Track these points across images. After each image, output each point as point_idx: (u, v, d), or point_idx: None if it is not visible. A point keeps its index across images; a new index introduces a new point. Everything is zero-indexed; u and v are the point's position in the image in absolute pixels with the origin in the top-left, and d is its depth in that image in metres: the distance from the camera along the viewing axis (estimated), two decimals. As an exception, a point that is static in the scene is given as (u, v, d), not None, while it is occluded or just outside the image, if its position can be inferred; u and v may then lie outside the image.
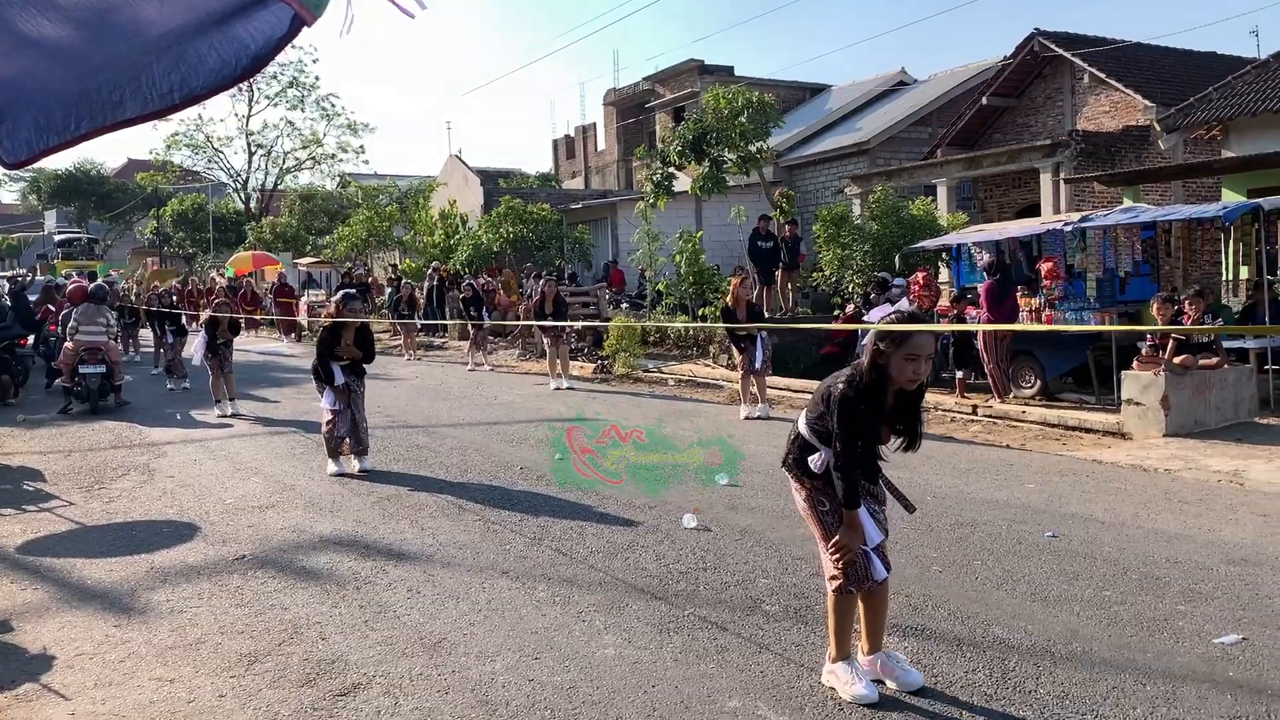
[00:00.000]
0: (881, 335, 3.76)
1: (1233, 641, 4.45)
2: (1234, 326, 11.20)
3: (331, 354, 8.94)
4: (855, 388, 3.81)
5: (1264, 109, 16.12)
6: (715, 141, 20.53)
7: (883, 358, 3.78)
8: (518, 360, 19.93)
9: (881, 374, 3.78)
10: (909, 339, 3.76)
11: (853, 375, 3.86)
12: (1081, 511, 6.93)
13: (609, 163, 41.27)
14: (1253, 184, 15.87)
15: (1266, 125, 16.33)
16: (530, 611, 5.13)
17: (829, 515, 3.98)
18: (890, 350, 3.76)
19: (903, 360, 3.76)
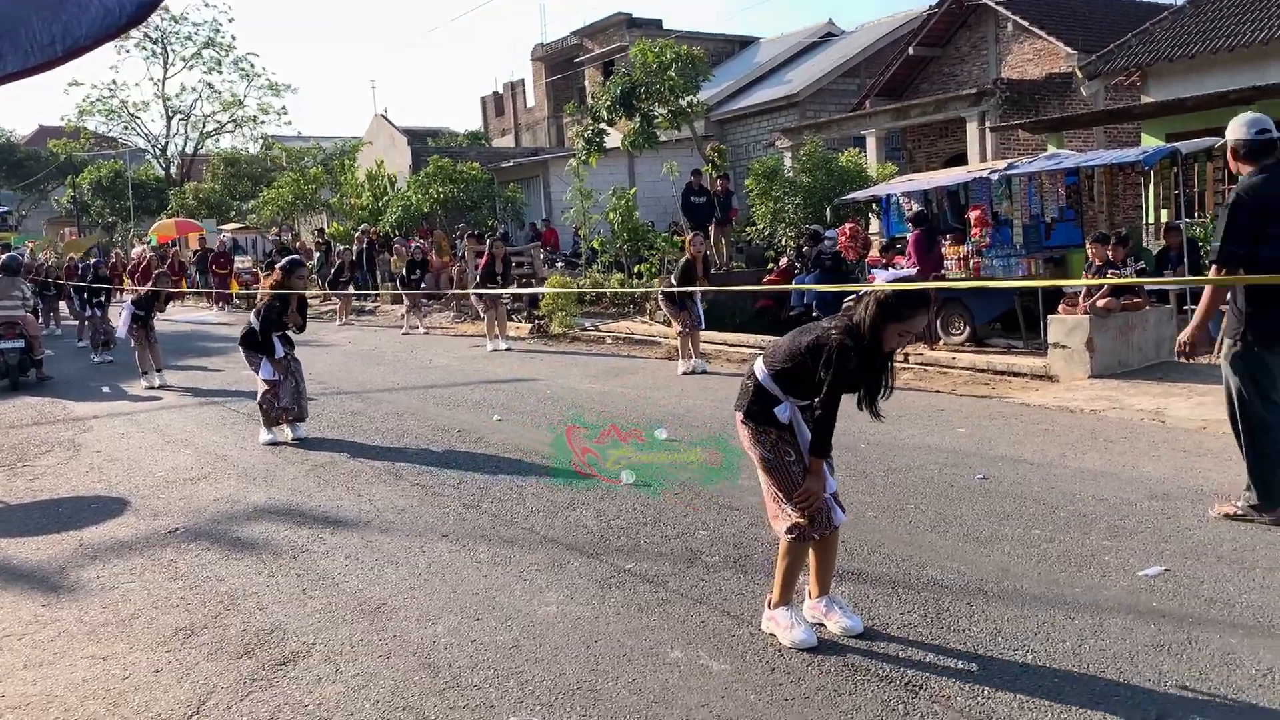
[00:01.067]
0: (889, 306, 3.74)
1: (1156, 573, 4.60)
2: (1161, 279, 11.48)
3: (279, 324, 8.76)
4: (855, 336, 3.80)
5: (1181, 55, 16.44)
6: (645, 96, 20.40)
7: (881, 323, 3.77)
8: (453, 323, 19.75)
9: (874, 336, 3.79)
10: (912, 318, 3.79)
11: (849, 328, 3.84)
12: (1011, 453, 7.09)
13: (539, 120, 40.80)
14: (1171, 129, 16.21)
15: (1184, 70, 16.66)
16: (471, 573, 5.12)
17: (795, 465, 4.00)
18: (891, 321, 3.76)
19: (896, 334, 3.80)
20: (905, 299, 3.77)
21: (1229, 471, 6.27)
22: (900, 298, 3.77)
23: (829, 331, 3.86)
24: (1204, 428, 7.53)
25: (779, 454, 4.02)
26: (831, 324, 3.91)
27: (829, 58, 28.69)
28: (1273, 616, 4.07)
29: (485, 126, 45.47)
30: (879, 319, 3.76)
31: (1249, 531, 5.10)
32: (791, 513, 3.99)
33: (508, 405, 10.04)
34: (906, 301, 3.77)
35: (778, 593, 4.14)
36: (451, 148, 35.11)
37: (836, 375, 3.78)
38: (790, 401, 3.99)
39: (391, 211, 26.93)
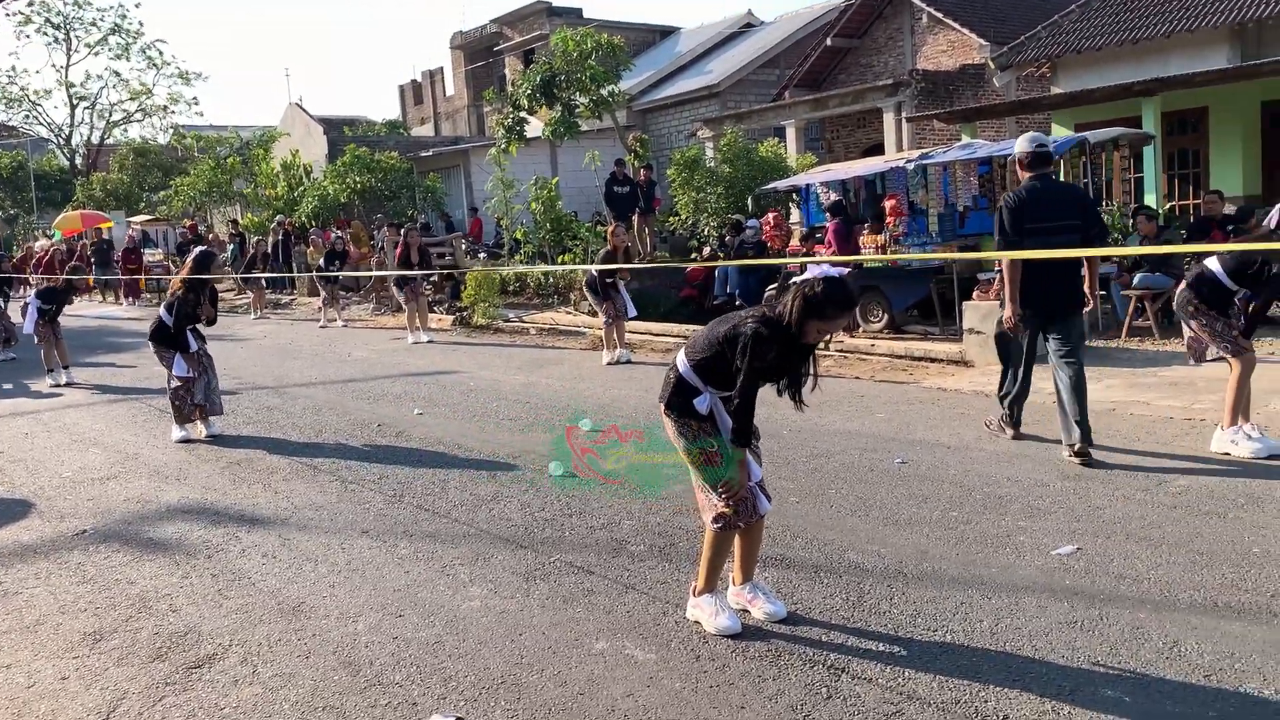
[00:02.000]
0: (813, 301, 3.72)
1: (1069, 552, 4.72)
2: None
3: (192, 317, 8.50)
4: (772, 327, 3.79)
5: (1088, 47, 16.88)
6: (566, 85, 20.30)
7: (803, 318, 3.74)
8: (372, 315, 19.45)
9: (796, 329, 3.78)
10: (835, 317, 3.79)
11: (768, 317, 3.83)
12: (929, 437, 7.22)
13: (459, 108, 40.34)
14: (1080, 119, 16.66)
15: (1091, 62, 17.12)
16: (393, 569, 5.04)
17: (718, 455, 4.00)
18: (813, 317, 3.74)
19: (816, 329, 3.79)
20: (833, 299, 3.73)
21: (1137, 449, 6.47)
22: (828, 297, 3.72)
23: (746, 320, 3.85)
24: (1113, 410, 7.76)
25: (702, 445, 4.03)
26: (749, 313, 3.91)
27: (749, 48, 28.87)
28: (1178, 591, 4.21)
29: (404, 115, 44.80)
30: (802, 314, 3.73)
31: (1156, 510, 5.26)
32: (717, 502, 4.00)
33: (430, 398, 9.92)
34: (834, 302, 3.73)
35: (702, 580, 4.15)
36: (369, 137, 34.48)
37: (752, 365, 3.78)
38: (711, 392, 3.99)
39: (307, 202, 26.38)
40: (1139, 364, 9.40)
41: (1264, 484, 5.59)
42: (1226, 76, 14.20)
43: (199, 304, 8.49)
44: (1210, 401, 7.32)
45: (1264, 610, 3.98)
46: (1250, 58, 15.23)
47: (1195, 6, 15.97)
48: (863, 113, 22.07)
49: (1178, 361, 9.29)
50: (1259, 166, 16.10)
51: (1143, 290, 10.93)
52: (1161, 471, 5.97)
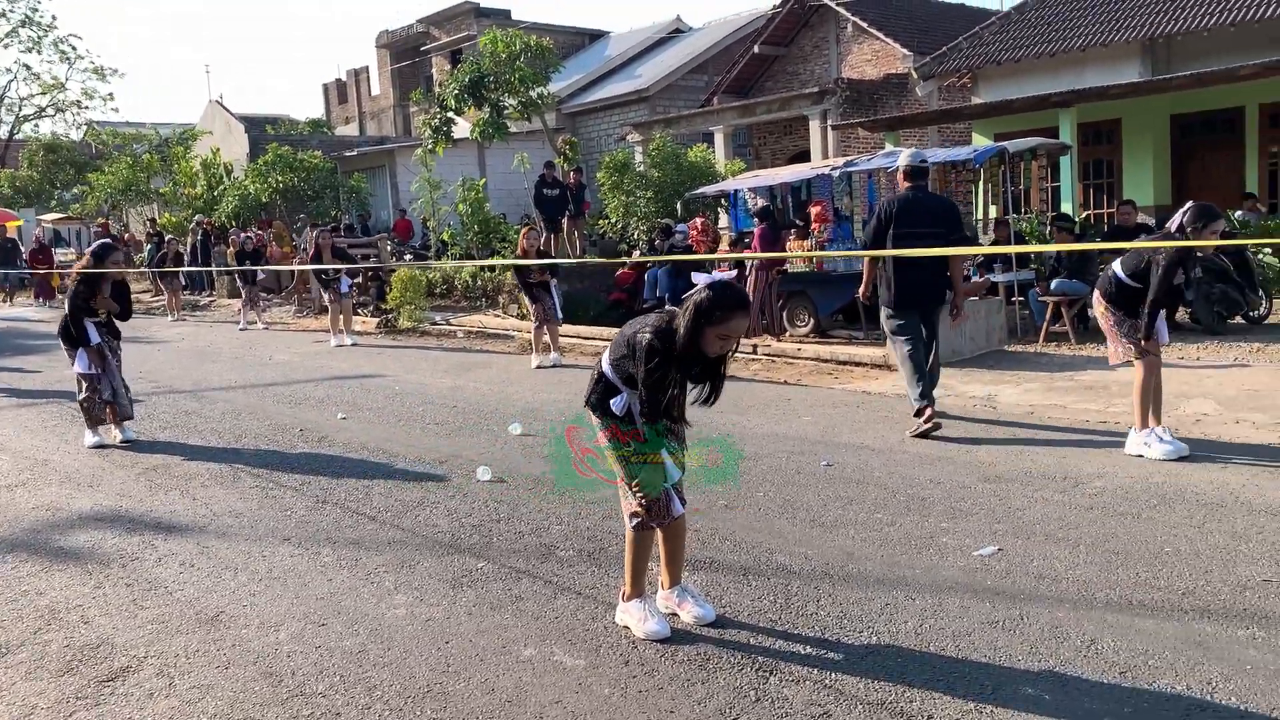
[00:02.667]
0: (704, 308, 3.70)
1: (990, 553, 4.81)
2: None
3: (87, 309, 8.22)
4: (663, 338, 3.77)
5: (1008, 58, 17.32)
6: (494, 86, 20.17)
7: (699, 329, 3.72)
8: (294, 317, 19.09)
9: (694, 341, 3.76)
10: (729, 321, 3.73)
11: (662, 326, 3.81)
12: (854, 440, 7.31)
13: (385, 108, 39.84)
14: (999, 129, 17.08)
15: (1010, 73, 17.57)
16: (315, 577, 4.94)
17: (633, 455, 4.00)
18: (708, 325, 3.72)
19: (716, 337, 3.76)
20: (721, 302, 3.70)
21: (1055, 451, 6.64)
22: (716, 301, 3.70)
23: (645, 329, 3.84)
24: (1031, 412, 7.94)
25: (618, 444, 4.03)
26: (651, 321, 3.89)
27: (678, 54, 29.02)
28: (1095, 590, 4.31)
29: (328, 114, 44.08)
30: (695, 323, 3.71)
31: (1073, 511, 5.40)
32: (631, 502, 4.01)
33: (353, 402, 9.76)
34: (722, 305, 3.70)
35: (629, 584, 4.14)
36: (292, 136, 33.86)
37: (646, 375, 3.77)
38: (629, 392, 3.98)
39: (228, 201, 25.81)
40: (1056, 368, 9.65)
41: (1175, 485, 5.76)
42: (1138, 89, 14.68)
43: (91, 296, 8.21)
44: (1125, 405, 7.54)
45: (1176, 608, 4.10)
46: (1161, 72, 15.78)
47: (1109, 21, 16.49)
48: (789, 120, 22.32)
49: (1093, 366, 9.56)
50: (1169, 177, 16.69)
51: (1059, 296, 11.22)
52: (1078, 474, 6.12)
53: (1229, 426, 7.09)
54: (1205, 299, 10.70)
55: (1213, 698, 3.38)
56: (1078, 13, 17.21)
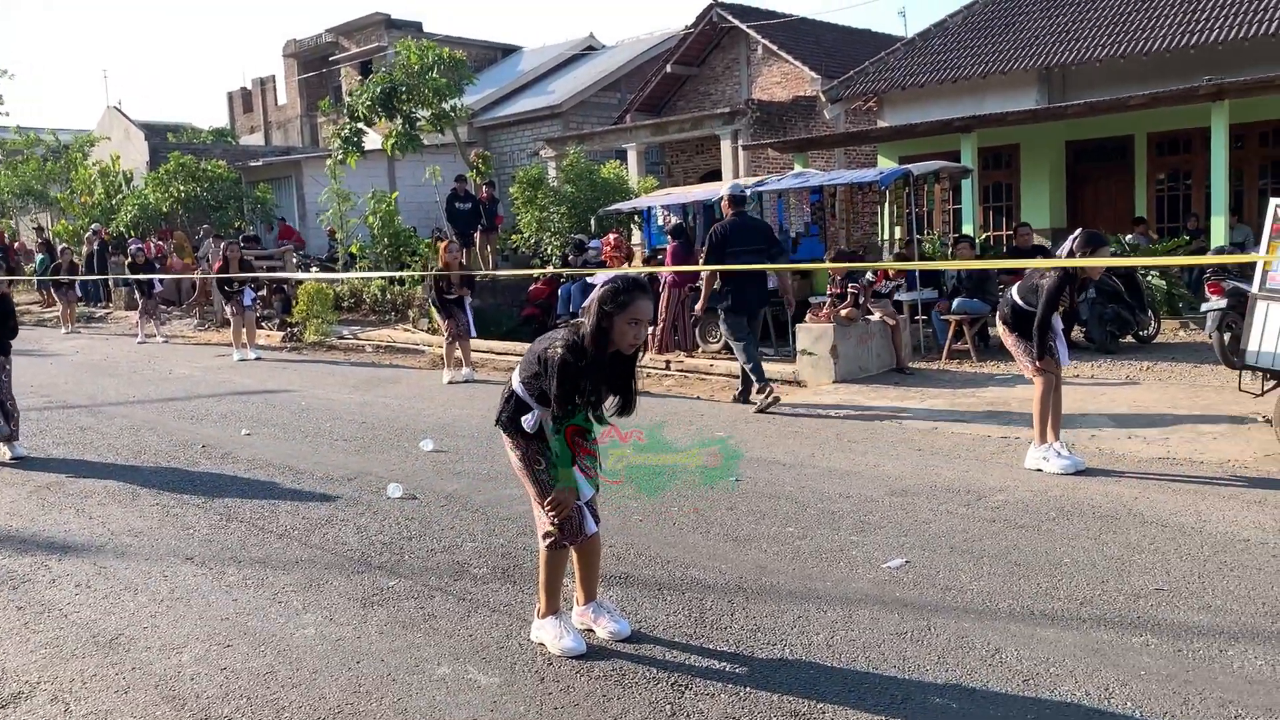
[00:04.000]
0: (607, 298, 3.74)
1: (898, 565, 4.92)
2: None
3: None
4: (574, 350, 3.78)
5: (911, 83, 17.81)
6: (407, 97, 19.95)
7: (607, 320, 3.75)
8: (195, 330, 18.56)
9: (604, 337, 3.77)
10: (633, 303, 3.75)
11: (570, 338, 3.81)
12: (765, 455, 7.40)
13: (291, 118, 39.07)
14: (904, 152, 17.54)
15: (914, 98, 18.06)
16: (220, 597, 4.79)
17: (545, 474, 3.97)
18: (615, 313, 3.74)
19: (625, 324, 3.77)
20: (623, 287, 3.77)
21: (958, 466, 6.82)
22: (618, 288, 3.76)
23: (555, 342, 3.84)
24: (935, 428, 8.15)
25: (529, 462, 4.01)
26: (559, 335, 3.90)
27: (591, 71, 29.12)
28: (998, 600, 4.44)
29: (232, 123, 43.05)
30: (602, 314, 3.74)
31: (976, 524, 5.55)
32: (545, 520, 3.99)
33: (258, 418, 9.52)
34: (625, 289, 3.76)
35: (544, 601, 4.12)
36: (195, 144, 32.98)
37: (560, 388, 3.76)
38: (540, 409, 3.97)
39: (126, 210, 24.98)
40: (958, 385, 9.92)
41: (1072, 498, 5.97)
42: (1035, 116, 15.23)
43: None
44: (1025, 420, 7.78)
45: (1075, 617, 4.24)
46: (1057, 100, 16.41)
47: (1008, 51, 17.09)
48: (701, 139, 22.57)
49: (994, 383, 9.86)
50: (1064, 200, 17.34)
51: (960, 315, 11.55)
52: (981, 488, 6.30)
53: (1122, 441, 7.38)
54: (1098, 319, 11.13)
55: (1110, 704, 3.51)
56: (979, 41, 17.81)
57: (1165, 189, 16.67)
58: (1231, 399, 8.06)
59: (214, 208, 25.43)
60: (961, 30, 18.39)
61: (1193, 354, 10.55)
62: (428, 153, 22.43)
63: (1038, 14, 17.53)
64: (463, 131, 23.75)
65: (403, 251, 18.87)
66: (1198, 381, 9.39)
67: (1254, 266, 7.27)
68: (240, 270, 14.45)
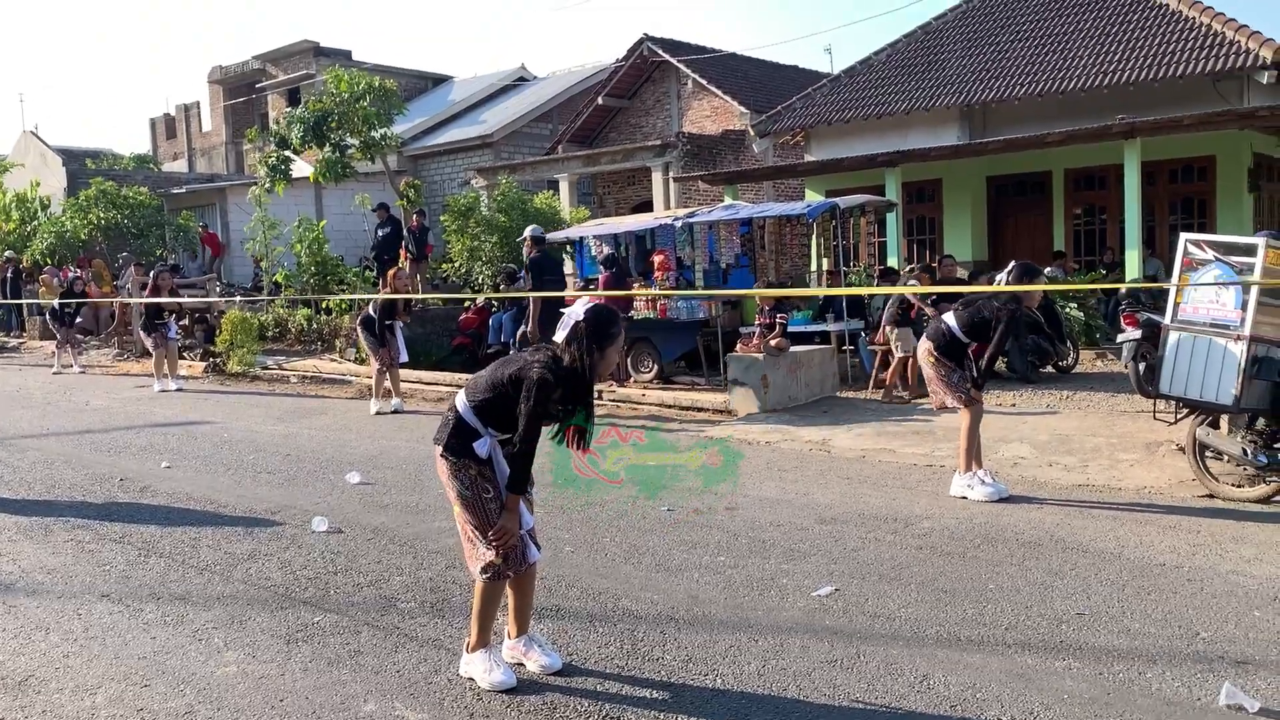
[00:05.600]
0: (601, 330, 3.82)
1: (828, 593, 4.96)
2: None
3: None
4: (555, 373, 3.79)
5: (837, 119, 18.16)
6: (337, 126, 19.76)
7: (598, 351, 3.83)
8: (114, 361, 18.06)
9: (594, 362, 3.83)
10: (621, 334, 3.92)
11: (549, 362, 3.82)
12: (697, 485, 7.42)
13: (216, 145, 38.42)
14: (831, 185, 17.85)
15: (841, 133, 18.42)
16: (137, 635, 4.64)
17: (492, 502, 3.93)
18: (608, 345, 3.86)
19: (613, 353, 3.92)
20: (607, 318, 3.89)
21: (886, 494, 6.91)
22: (604, 319, 3.87)
23: (531, 364, 3.86)
24: (863, 456, 8.26)
25: (477, 490, 3.96)
26: (536, 356, 3.92)
27: (523, 101, 29.16)
28: (926, 627, 4.49)
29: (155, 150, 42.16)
30: (597, 346, 3.84)
31: (904, 552, 5.62)
32: (486, 551, 3.94)
33: (179, 450, 9.28)
34: (611, 320, 3.90)
35: (475, 635, 4.06)
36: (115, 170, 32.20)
37: (536, 408, 3.79)
38: (491, 435, 3.94)
39: (42, 238, 24.29)
40: (885, 415, 10.07)
41: (997, 525, 6.09)
42: (958, 152, 15.63)
43: None
44: (949, 449, 7.93)
45: (1000, 642, 4.31)
46: (978, 136, 16.85)
47: (931, 88, 17.54)
48: (633, 170, 22.71)
49: (919, 413, 10.03)
50: (985, 233, 17.78)
51: (887, 346, 11.73)
52: (908, 515, 6.39)
53: (1043, 469, 7.55)
54: (1020, 349, 11.41)
55: (1034, 727, 3.56)
56: (903, 78, 18.24)
57: (1082, 224, 17.19)
58: (1146, 427, 8.31)
59: (135, 235, 24.86)
60: (886, 67, 18.82)
61: (1109, 383, 10.87)
62: (357, 181, 22.23)
63: (960, 53, 18.03)
64: (393, 160, 23.56)
65: (330, 280, 18.61)
66: (1115, 410, 9.66)
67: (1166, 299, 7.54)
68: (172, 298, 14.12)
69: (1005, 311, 6.62)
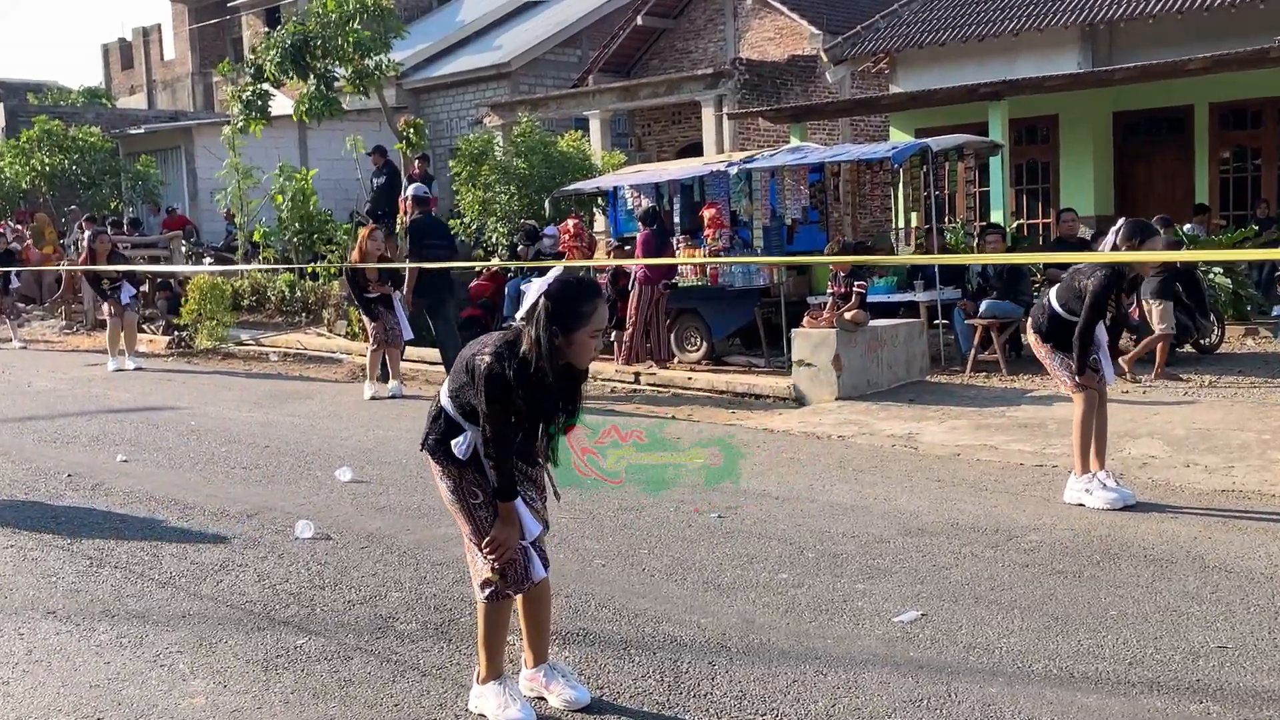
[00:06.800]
0: (563, 312, 3.72)
1: (912, 619, 4.95)
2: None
3: None
4: (507, 360, 3.76)
5: (931, 41, 17.97)
6: (323, 53, 19.86)
7: (563, 334, 3.73)
8: (61, 334, 18.38)
9: (557, 352, 3.76)
10: (595, 312, 3.77)
11: (502, 348, 3.79)
12: (754, 487, 7.43)
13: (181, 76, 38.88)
14: (921, 123, 17.70)
15: (934, 59, 18.23)
16: (89, 659, 4.75)
17: (482, 508, 3.96)
18: (577, 326, 3.74)
19: (588, 338, 3.78)
20: (577, 293, 3.78)
21: (985, 500, 6.88)
22: (573, 294, 3.77)
23: (484, 349, 3.84)
24: (958, 454, 8.22)
25: (463, 494, 3.99)
26: (492, 339, 3.90)
27: (545, 22, 29.14)
28: (1032, 661, 4.48)
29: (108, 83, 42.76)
30: (561, 329, 3.74)
31: (1006, 570, 5.60)
32: (482, 565, 3.98)
33: (138, 441, 9.45)
34: (581, 296, 3.79)
35: (484, 664, 4.11)
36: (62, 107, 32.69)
37: (491, 404, 3.77)
38: (473, 429, 3.95)
39: (-22, 187, 24.76)
40: (986, 403, 10.01)
41: (1119, 538, 6.04)
42: (1078, 82, 15.42)
43: None
44: (1064, 445, 7.86)
45: (1122, 680, 4.28)
46: (1102, 63, 16.61)
47: (1045, 3, 17.28)
48: (678, 106, 22.65)
49: (1029, 400, 9.96)
50: (1111, 182, 17.53)
51: (989, 319, 11.64)
52: (1011, 526, 6.36)
53: (1179, 471, 7.47)
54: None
55: (1163, 783, 3.55)
56: (1010, -8, 18.02)
57: (1231, 170, 16.92)
58: (1308, 420, 8.21)
59: (86, 184, 25.23)
60: (990, -22, 18.60)
61: (1262, 366, 10.72)
62: (348, 120, 22.35)
63: (1080, -40, 17.77)
64: (389, 94, 23.68)
65: (317, 240, 18.76)
66: (1268, 399, 9.52)
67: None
68: (113, 263, 14.29)
69: (1097, 281, 6.52)
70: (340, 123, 21.78)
